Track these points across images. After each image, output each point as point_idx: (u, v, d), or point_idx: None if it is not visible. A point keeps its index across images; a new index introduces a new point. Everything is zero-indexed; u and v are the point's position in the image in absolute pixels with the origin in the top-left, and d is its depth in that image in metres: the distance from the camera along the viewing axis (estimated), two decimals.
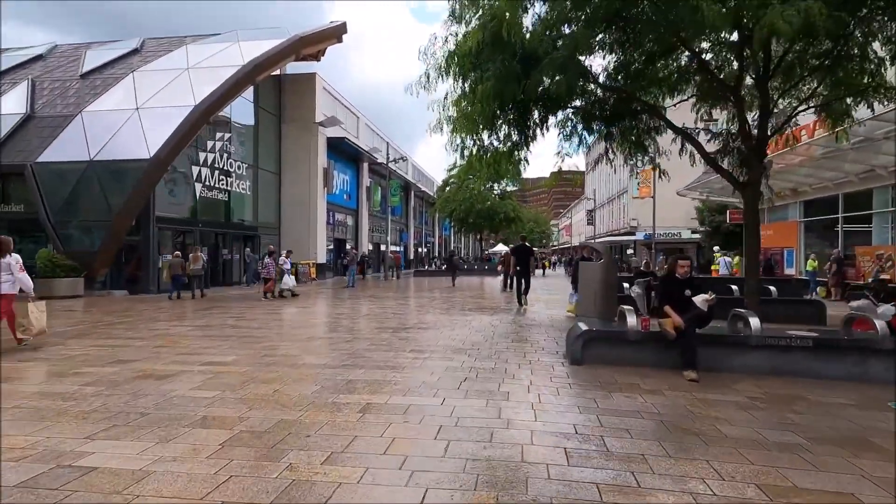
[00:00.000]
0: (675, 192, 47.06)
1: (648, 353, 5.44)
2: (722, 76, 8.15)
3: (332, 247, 29.44)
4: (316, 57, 26.62)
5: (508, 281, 15.03)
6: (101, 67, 19.66)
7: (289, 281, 15.63)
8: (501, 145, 10.56)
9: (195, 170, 19.73)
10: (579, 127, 10.37)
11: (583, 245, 20.81)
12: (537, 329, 8.34)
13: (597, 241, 50.16)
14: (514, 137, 10.18)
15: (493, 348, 6.54)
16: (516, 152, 10.42)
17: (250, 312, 10.93)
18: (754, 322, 5.26)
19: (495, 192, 37.51)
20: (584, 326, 5.71)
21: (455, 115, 10.34)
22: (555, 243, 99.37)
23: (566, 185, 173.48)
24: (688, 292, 5.25)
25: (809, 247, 19.56)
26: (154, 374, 5.13)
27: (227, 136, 21.85)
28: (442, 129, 10.69)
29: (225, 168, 21.68)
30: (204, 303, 13.54)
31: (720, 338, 5.40)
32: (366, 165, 34.22)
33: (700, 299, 5.05)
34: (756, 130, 7.73)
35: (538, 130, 10.20)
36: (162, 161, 16.56)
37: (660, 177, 9.64)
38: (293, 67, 27.37)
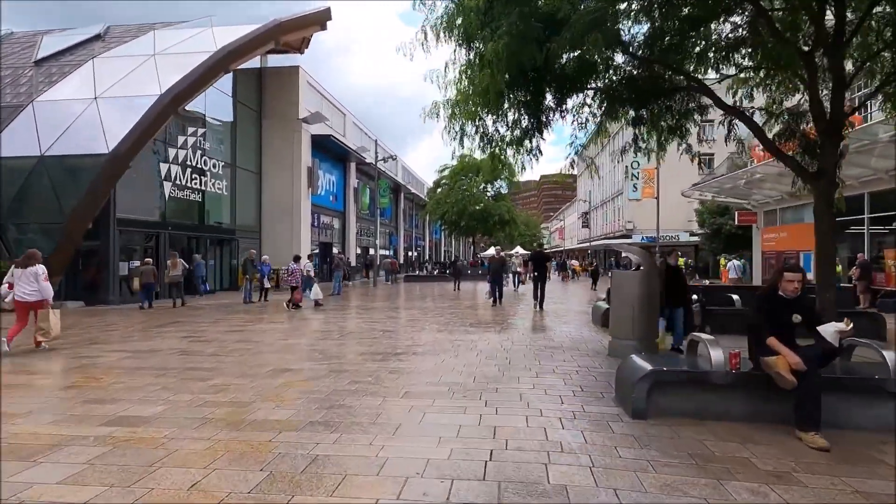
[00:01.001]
0: (672, 195, 46.15)
1: (738, 401, 3.89)
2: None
3: (317, 251, 27.67)
4: (299, 49, 24.95)
5: (497, 294, 13.86)
6: (57, 54, 17.78)
7: (318, 291, 13.89)
8: (509, 132, 9.03)
9: (164, 167, 17.91)
10: (598, 112, 8.90)
11: (608, 246, 19.69)
12: (561, 354, 6.75)
13: (593, 242, 48.93)
14: (525, 123, 8.67)
15: (515, 388, 4.94)
16: (527, 141, 8.90)
17: (212, 329, 9.22)
18: (891, 357, 3.73)
19: (488, 193, 36.02)
20: (644, 363, 4.13)
21: (455, 96, 8.82)
22: (545, 247, 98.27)
23: (556, 188, 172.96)
24: (797, 317, 3.70)
25: None
26: (23, 446, 3.44)
27: (200, 131, 20.05)
28: (438, 114, 9.18)
29: (198, 166, 19.87)
30: (176, 314, 11.77)
31: (840, 381, 3.86)
32: (353, 165, 32.52)
33: (832, 330, 3.49)
34: (829, 108, 6.26)
35: (553, 115, 8.71)
36: (122, 156, 14.75)
37: (699, 165, 8.17)
38: (275, 60, 25.71)
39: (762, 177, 17.91)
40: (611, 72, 8.20)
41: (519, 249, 47.48)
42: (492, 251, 48.60)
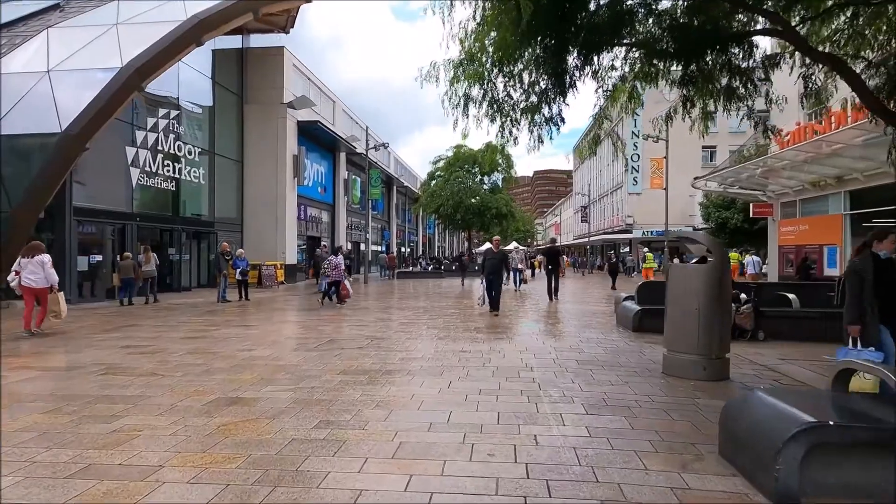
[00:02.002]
0: (672, 187, 44.77)
1: None
2: None
3: (304, 245, 25.98)
4: (284, 27, 23.21)
5: (493, 297, 12.26)
6: (9, 24, 15.92)
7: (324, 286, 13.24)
8: (523, 98, 7.51)
9: (130, 151, 16.14)
10: (632, 71, 7.40)
11: (679, 236, 16.89)
12: (601, 372, 5.22)
13: (593, 237, 47.57)
14: (543, 84, 7.15)
15: (562, 436, 3.37)
16: (545, 107, 7.39)
17: (167, 336, 7.59)
18: None
19: (485, 186, 34.43)
20: (789, 408, 2.58)
21: (459, 54, 7.34)
22: (539, 242, 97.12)
23: (550, 184, 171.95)
24: None
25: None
26: None
27: (173, 113, 18.28)
28: (438, 78, 7.66)
29: (171, 152, 18.10)
30: (137, 315, 10.09)
31: None
32: (343, 156, 30.78)
33: None
34: None
35: (579, 74, 7.18)
36: (77, 136, 12.97)
37: (766, 136, 6.65)
38: (258, 40, 23.92)
39: (786, 163, 16.49)
40: (651, 20, 6.69)
41: (514, 245, 46.03)
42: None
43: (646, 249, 26.89)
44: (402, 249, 46.13)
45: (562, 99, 7.11)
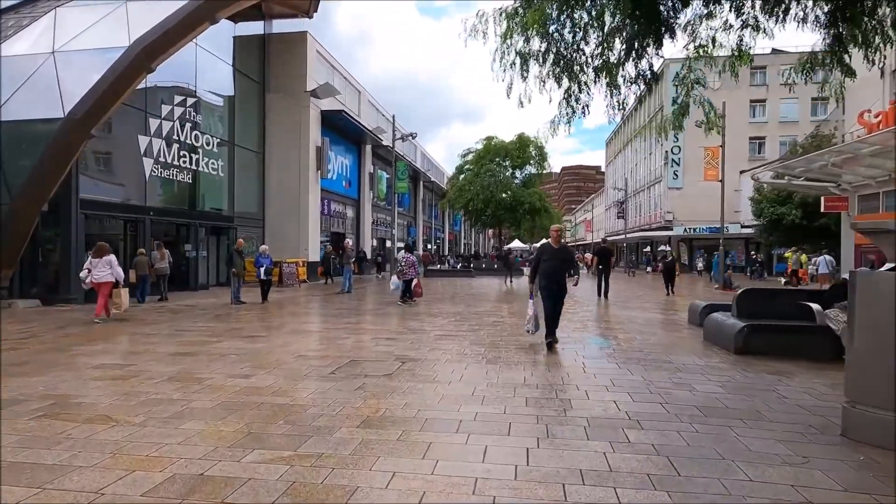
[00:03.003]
0: (712, 183, 42.04)
1: None
2: None
3: (327, 241, 24.76)
4: (307, 12, 21.92)
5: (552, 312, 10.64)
6: (18, 5, 15.04)
7: (395, 283, 12.46)
8: (598, 51, 5.88)
9: (143, 141, 15.07)
10: (738, 22, 5.69)
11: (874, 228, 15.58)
12: (751, 433, 3.51)
13: (630, 234, 45.09)
14: (630, 29, 5.50)
15: None
16: (631, 61, 5.75)
17: (157, 350, 6.23)
18: None
19: (516, 179, 32.57)
20: None
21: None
22: (568, 240, 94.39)
23: (579, 180, 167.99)
24: None
25: None
26: None
27: (190, 100, 17.19)
28: (486, 33, 6.10)
29: (189, 142, 17.03)
30: (139, 321, 8.82)
31: None
32: (369, 149, 29.47)
33: None
34: None
35: (675, 16, 5.50)
36: (80, 121, 11.86)
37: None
38: (280, 26, 22.73)
39: (877, 148, 14.20)
40: None
41: (517, 243, 43.97)
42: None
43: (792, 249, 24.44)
44: (430, 246, 44.69)
45: (655, 47, 5.42)
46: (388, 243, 25.93)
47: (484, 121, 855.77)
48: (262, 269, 12.63)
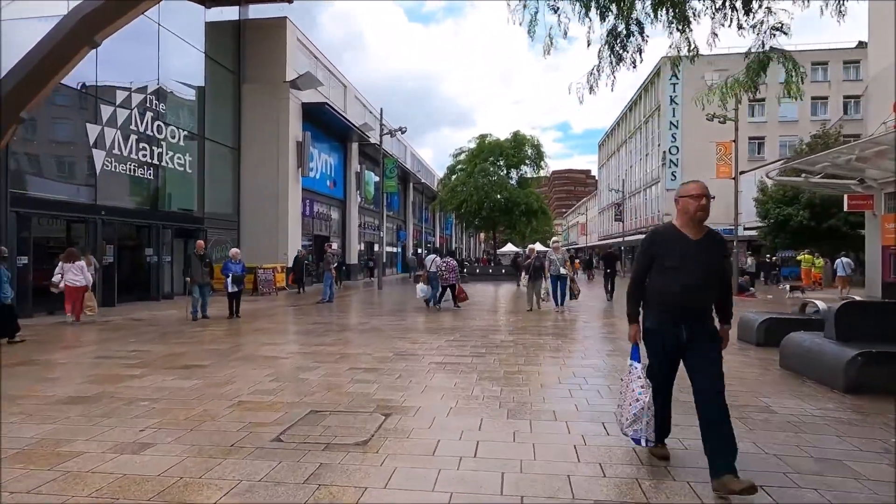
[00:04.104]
0: (716, 183, 40.64)
1: None
2: None
3: (310, 245, 22.90)
4: None
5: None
6: None
7: (423, 289, 12.28)
8: None
9: (93, 130, 13.16)
10: None
11: None
12: None
13: (627, 237, 43.69)
14: None
15: None
16: None
17: (35, 396, 4.43)
18: None
19: (511, 179, 30.93)
20: None
21: None
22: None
23: (569, 184, 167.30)
24: None
25: None
26: None
27: (152, 87, 15.32)
28: None
29: (150, 133, 15.13)
30: (77, 336, 6.92)
31: None
32: (355, 147, 27.68)
33: None
34: None
35: None
36: (7, 101, 9.96)
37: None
38: (257, 11, 20.91)
39: None
40: None
41: (538, 246, 42.38)
42: (509, 247, 42.99)
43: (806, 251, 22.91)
44: (420, 251, 42.90)
45: None
46: (377, 247, 24.14)
47: (475, 125, 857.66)
48: (230, 279, 10.70)
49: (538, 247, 16.16)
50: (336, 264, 16.26)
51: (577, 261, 27.53)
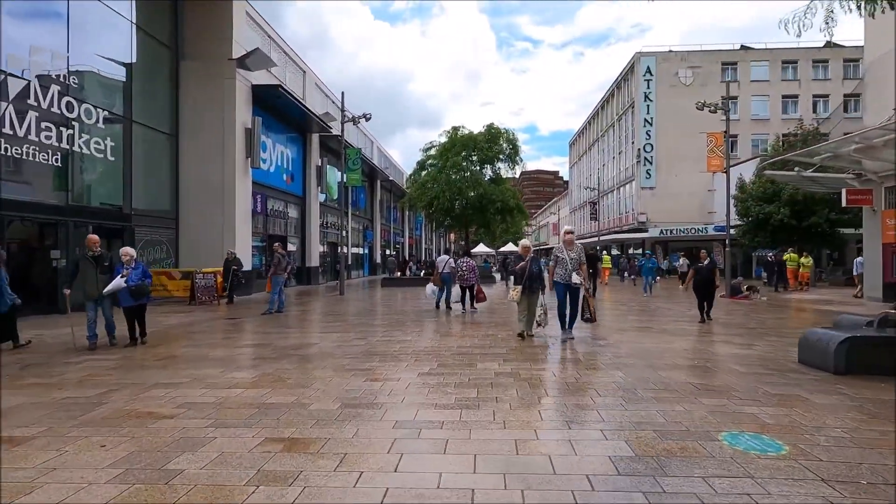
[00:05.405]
0: (687, 182, 39.98)
1: None
2: None
3: (262, 245, 20.39)
4: None
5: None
6: None
7: (433, 290, 12.33)
8: None
9: None
10: None
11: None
12: None
13: (603, 237, 42.57)
14: None
15: None
16: None
17: None
18: None
19: (486, 175, 29.08)
20: None
21: None
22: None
23: (538, 184, 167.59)
24: None
25: None
26: None
27: (59, 55, 12.65)
28: None
29: (56, 111, 12.47)
30: None
31: None
32: (316, 138, 25.26)
33: None
34: None
35: None
36: None
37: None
38: None
39: None
40: None
41: (511, 246, 40.88)
42: (482, 248, 40.87)
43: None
44: (388, 252, 40.57)
45: None
46: (343, 248, 21.83)
47: (441, 125, 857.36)
48: (125, 288, 7.52)
49: (526, 242, 14.18)
50: (289, 267, 13.91)
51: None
